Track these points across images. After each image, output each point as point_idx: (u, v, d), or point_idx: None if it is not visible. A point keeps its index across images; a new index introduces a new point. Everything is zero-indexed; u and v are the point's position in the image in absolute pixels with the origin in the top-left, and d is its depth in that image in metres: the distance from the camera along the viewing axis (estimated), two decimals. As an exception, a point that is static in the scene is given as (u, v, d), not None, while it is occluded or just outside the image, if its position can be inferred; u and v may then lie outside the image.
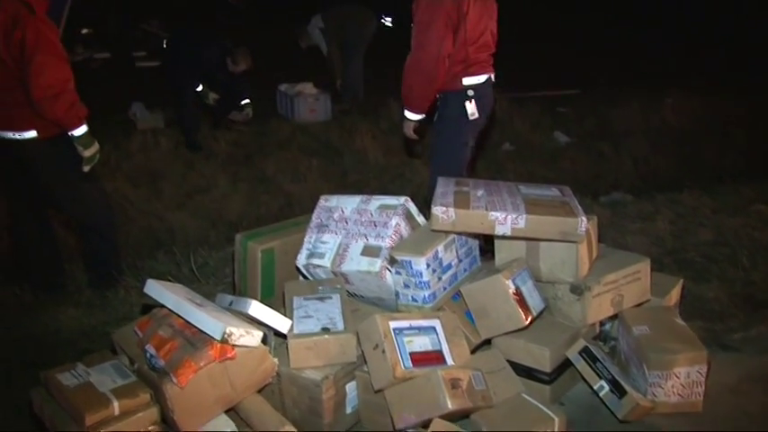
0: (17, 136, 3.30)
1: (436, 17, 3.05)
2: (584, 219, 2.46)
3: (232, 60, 6.28)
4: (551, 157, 6.01)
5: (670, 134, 6.71)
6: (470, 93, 3.28)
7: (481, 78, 3.32)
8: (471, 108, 3.29)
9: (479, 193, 2.63)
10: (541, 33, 12.09)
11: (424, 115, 3.35)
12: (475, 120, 3.32)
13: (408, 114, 3.35)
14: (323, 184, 5.30)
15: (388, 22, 12.42)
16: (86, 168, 3.43)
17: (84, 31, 10.18)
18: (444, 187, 2.70)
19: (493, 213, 2.46)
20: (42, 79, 3.12)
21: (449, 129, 3.37)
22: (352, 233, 2.67)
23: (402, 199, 2.73)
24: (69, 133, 3.29)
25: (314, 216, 2.83)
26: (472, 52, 3.23)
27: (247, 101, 6.60)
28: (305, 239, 2.76)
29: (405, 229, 2.64)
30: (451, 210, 2.49)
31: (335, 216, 2.77)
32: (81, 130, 3.31)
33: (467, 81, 3.27)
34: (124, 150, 6.08)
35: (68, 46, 3.60)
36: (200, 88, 6.29)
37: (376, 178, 5.54)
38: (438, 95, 3.32)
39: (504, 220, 2.46)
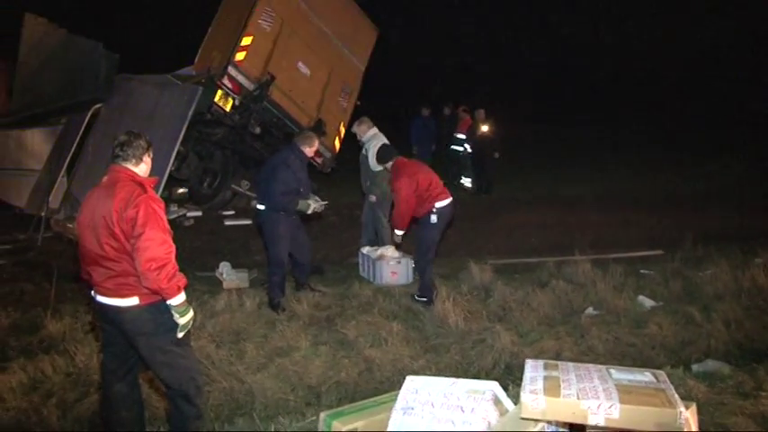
0: (119, 303, 3.55)
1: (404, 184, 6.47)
2: (682, 410, 2.35)
3: (307, 145, 6.47)
4: (637, 323, 5.81)
5: (763, 296, 6.42)
6: (434, 210, 6.47)
7: (442, 202, 6.52)
8: (433, 218, 6.49)
9: (570, 378, 2.57)
10: (621, 195, 12.19)
11: (404, 232, 6.85)
12: (435, 223, 6.51)
13: (397, 232, 6.82)
14: (403, 349, 5.27)
15: (467, 183, 12.94)
16: (181, 335, 3.62)
17: (180, 190, 10.84)
18: (534, 371, 2.65)
19: (585, 402, 2.39)
20: (149, 253, 3.43)
21: (424, 227, 6.67)
22: (438, 418, 2.62)
23: (491, 384, 2.69)
24: (167, 301, 3.52)
25: (399, 397, 2.81)
26: (423, 193, 6.44)
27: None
28: (390, 422, 2.73)
29: (493, 416, 2.58)
30: (541, 397, 2.43)
31: (421, 399, 2.73)
32: (179, 298, 3.53)
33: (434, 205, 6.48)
34: (209, 309, 6.25)
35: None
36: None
37: (457, 343, 5.48)
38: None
39: (597, 410, 2.38)
